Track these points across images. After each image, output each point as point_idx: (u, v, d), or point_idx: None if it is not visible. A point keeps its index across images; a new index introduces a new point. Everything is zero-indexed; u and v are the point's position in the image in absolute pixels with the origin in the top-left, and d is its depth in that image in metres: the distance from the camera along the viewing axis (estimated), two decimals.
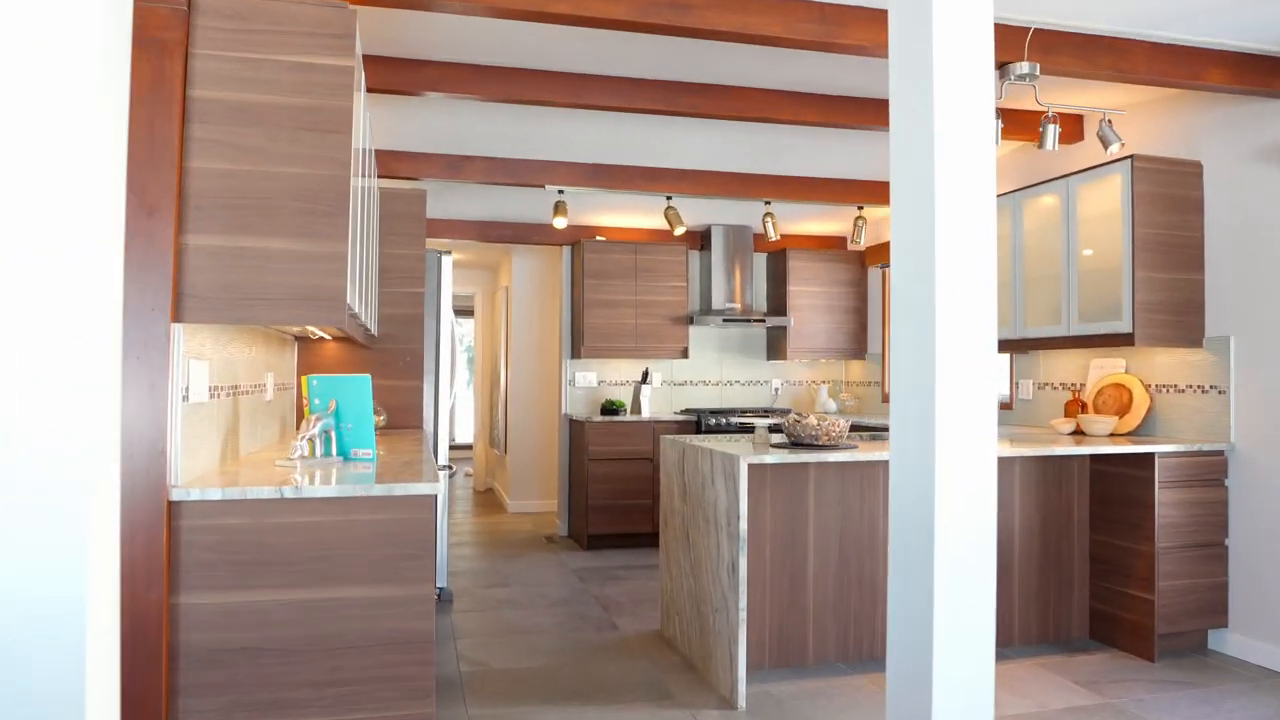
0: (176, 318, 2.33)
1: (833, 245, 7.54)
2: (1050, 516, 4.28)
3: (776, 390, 7.52)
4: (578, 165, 5.60)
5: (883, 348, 7.06)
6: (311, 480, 2.47)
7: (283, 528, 2.35)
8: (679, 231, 5.89)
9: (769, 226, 6.01)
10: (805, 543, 3.87)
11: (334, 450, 3.00)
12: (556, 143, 5.26)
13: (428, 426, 4.99)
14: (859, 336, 7.27)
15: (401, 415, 4.89)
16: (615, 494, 6.50)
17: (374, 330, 4.47)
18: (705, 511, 3.77)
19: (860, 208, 6.25)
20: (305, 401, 3.13)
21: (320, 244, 2.45)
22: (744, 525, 3.41)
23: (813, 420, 3.77)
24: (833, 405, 7.20)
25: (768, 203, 5.96)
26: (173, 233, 2.30)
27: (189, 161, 2.37)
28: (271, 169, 2.42)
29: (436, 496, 2.47)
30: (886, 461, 3.81)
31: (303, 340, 4.79)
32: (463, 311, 13.87)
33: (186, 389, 2.42)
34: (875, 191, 6.11)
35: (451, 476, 5.16)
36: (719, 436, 4.36)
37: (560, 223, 5.71)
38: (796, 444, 3.80)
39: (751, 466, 3.71)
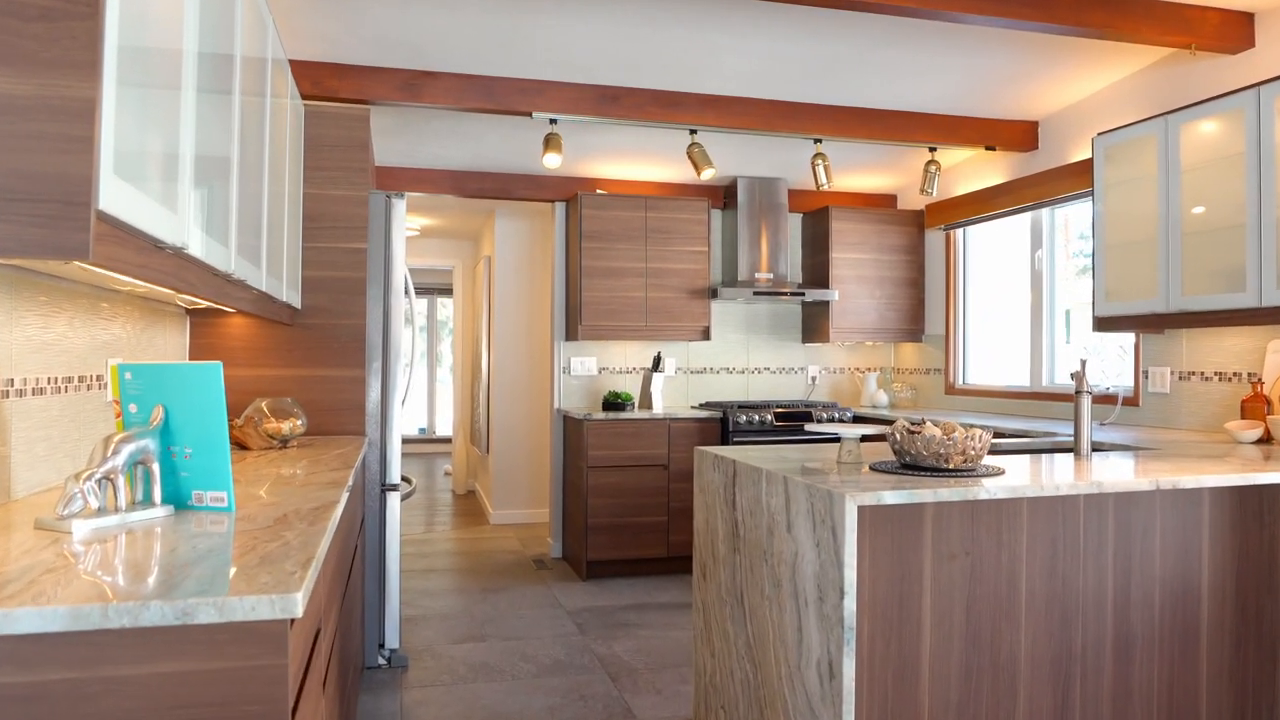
0: None
1: (880, 204, 6.25)
2: (1248, 566, 3.01)
3: (814, 380, 6.24)
4: (575, 87, 4.28)
5: (946, 328, 5.77)
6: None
7: None
8: (706, 175, 4.59)
9: (819, 171, 4.71)
10: (918, 615, 2.59)
11: (156, 494, 1.70)
12: (547, 55, 3.94)
13: (373, 430, 3.69)
14: (914, 314, 5.98)
15: (335, 417, 3.59)
16: (621, 509, 5.22)
17: (290, 299, 3.16)
18: (774, 570, 2.48)
19: (933, 149, 4.95)
20: (119, 410, 1.83)
21: (33, 79, 1.14)
22: (850, 605, 2.12)
23: (935, 433, 2.48)
24: (884, 398, 5.92)
25: (818, 140, 4.66)
26: None
27: None
28: None
29: (288, 626, 1.17)
30: (1088, 497, 2.53)
31: (199, 314, 3.47)
32: (441, 290, 12.54)
33: None
34: (953, 129, 4.81)
35: (406, 498, 3.87)
36: (759, 445, 3.08)
37: (552, 160, 4.39)
38: (912, 467, 2.52)
39: (865, 510, 2.42)
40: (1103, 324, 4.03)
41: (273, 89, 2.70)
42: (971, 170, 5.52)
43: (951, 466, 2.45)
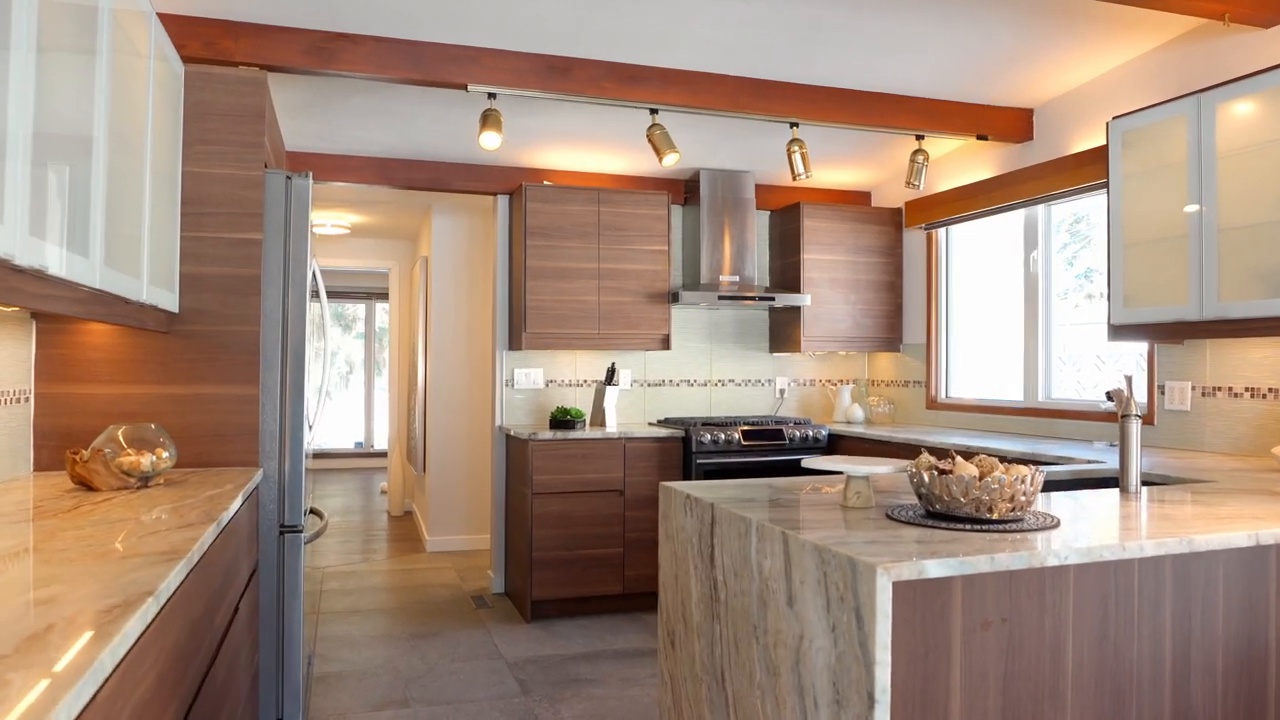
0: None
1: (853, 201, 5.75)
2: None
3: (782, 393, 5.71)
4: (518, 57, 3.69)
5: (928, 336, 5.29)
6: None
7: None
8: (668, 161, 4.02)
9: (796, 159, 4.18)
10: (945, 700, 2.04)
11: None
12: (485, 17, 3.35)
13: (272, 459, 3.05)
14: (892, 321, 5.49)
15: (220, 445, 2.95)
16: (570, 541, 4.62)
17: (158, 300, 2.53)
18: (769, 652, 1.92)
19: (920, 137, 4.46)
20: None
21: None
22: (884, 717, 1.57)
23: (971, 473, 1.94)
24: (859, 412, 5.41)
25: (794, 124, 4.13)
26: None
27: None
28: None
29: None
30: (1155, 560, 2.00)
31: (49, 321, 2.81)
32: (379, 294, 11.81)
33: None
34: (941, 115, 4.32)
35: (314, 538, 3.24)
36: (730, 466, 2.52)
37: (490, 140, 3.79)
38: (943, 516, 1.97)
39: (900, 586, 1.86)
40: (1119, 333, 3.55)
41: (119, 43, 2.08)
42: (956, 164, 5.04)
43: (996, 516, 1.91)
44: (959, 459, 2.03)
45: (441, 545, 6.39)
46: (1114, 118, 3.58)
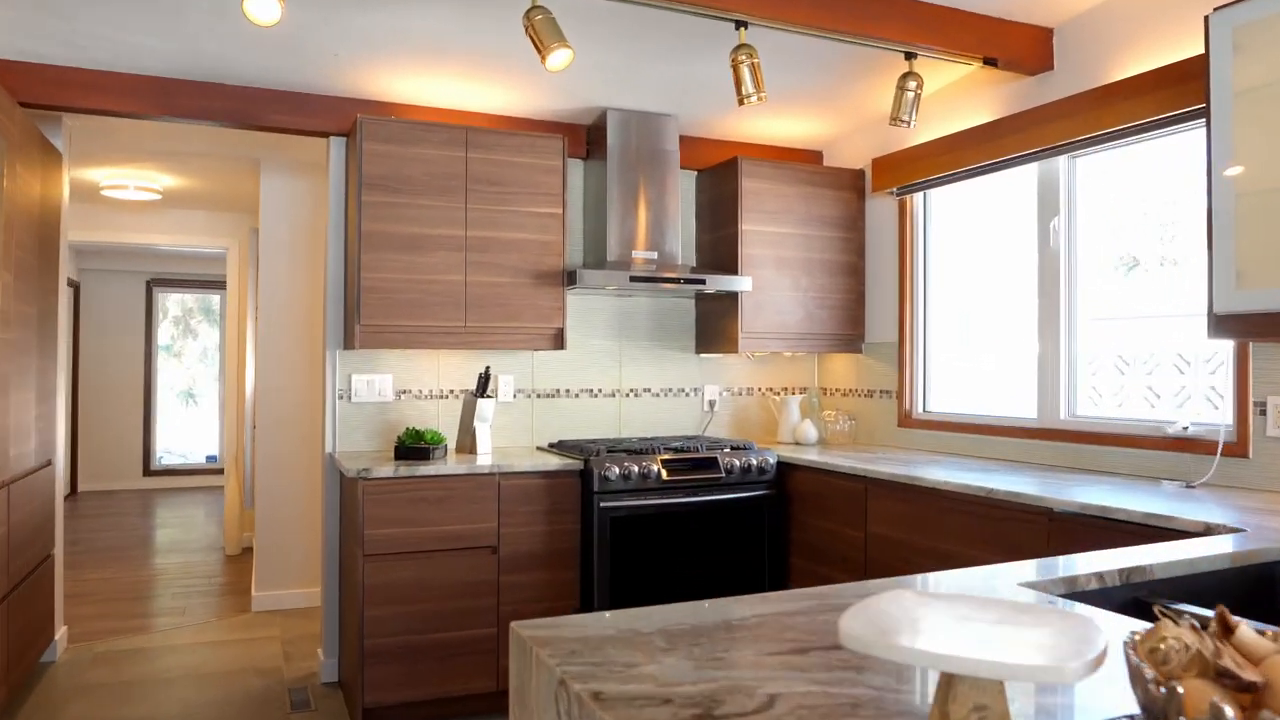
0: None
1: (800, 160, 4.50)
2: None
3: (712, 405, 4.45)
4: None
5: (901, 333, 4.10)
6: None
7: None
8: (555, 61, 2.69)
9: (745, 75, 2.90)
10: None
11: None
12: None
13: None
14: (853, 314, 4.29)
15: None
16: (420, 622, 3.26)
17: None
18: None
19: (911, 56, 3.23)
20: None
21: None
22: None
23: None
24: (810, 431, 4.19)
25: (742, 24, 2.85)
26: None
27: None
28: None
29: None
30: None
31: None
32: (213, 284, 10.04)
33: None
34: (939, 25, 3.11)
35: None
36: (642, 524, 1.24)
37: (262, 7, 2.38)
38: None
39: None
40: (1227, 327, 2.39)
41: None
42: (941, 108, 3.86)
43: None
44: (1242, 624, 0.77)
45: (271, 602, 4.92)
46: (1217, 8, 2.42)
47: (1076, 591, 1.56)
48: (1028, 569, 1.60)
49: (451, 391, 3.95)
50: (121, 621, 4.74)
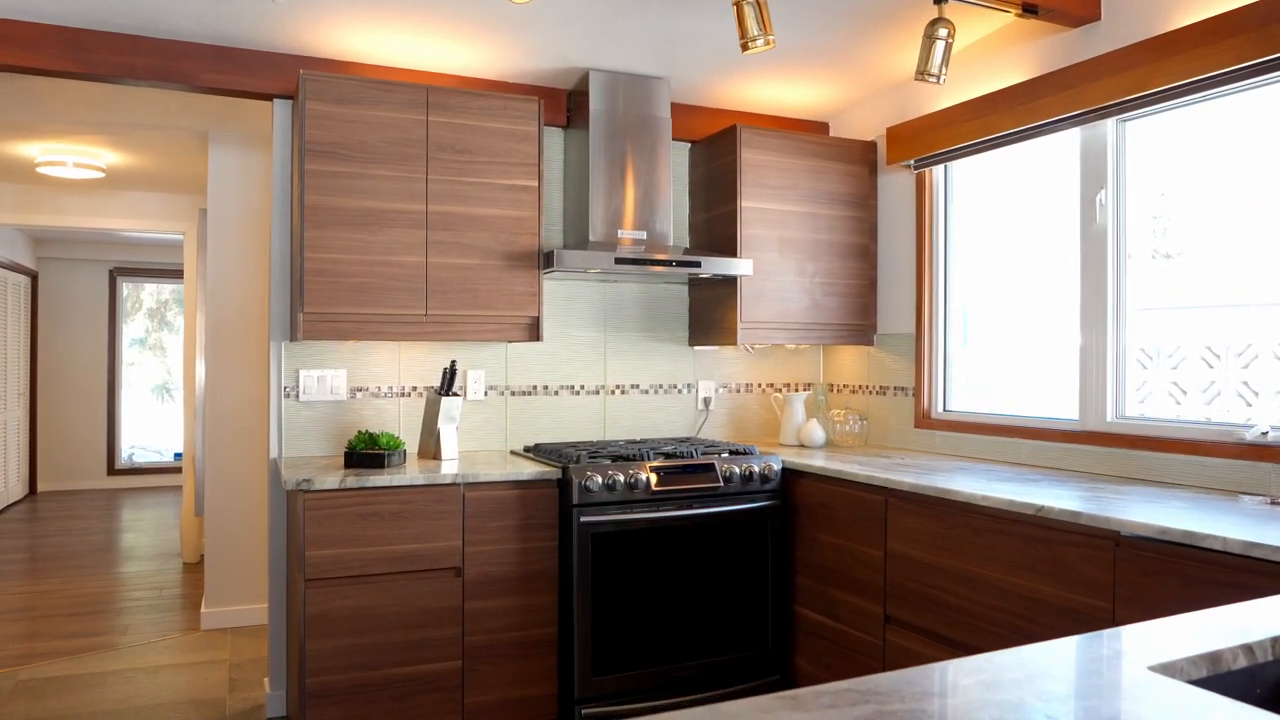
0: None
1: (802, 128, 4.04)
2: None
3: (708, 403, 4.01)
4: None
5: (919, 324, 3.67)
6: None
7: None
8: None
9: (749, 19, 2.46)
10: None
11: None
12: None
13: None
14: (865, 302, 3.86)
15: None
16: (372, 655, 2.82)
17: None
18: None
19: (940, 1, 2.79)
20: None
21: None
22: None
23: None
24: (818, 433, 3.76)
25: None
26: None
27: None
28: None
29: None
30: None
31: None
32: (171, 273, 9.53)
33: None
34: None
35: None
36: (630, 541, 0.82)
37: None
38: None
39: None
40: None
41: None
42: (967, 67, 3.42)
43: None
44: None
45: (221, 619, 4.46)
46: None
47: (1220, 673, 1.13)
48: (1146, 638, 1.17)
49: (414, 389, 3.50)
50: (55, 642, 4.28)
